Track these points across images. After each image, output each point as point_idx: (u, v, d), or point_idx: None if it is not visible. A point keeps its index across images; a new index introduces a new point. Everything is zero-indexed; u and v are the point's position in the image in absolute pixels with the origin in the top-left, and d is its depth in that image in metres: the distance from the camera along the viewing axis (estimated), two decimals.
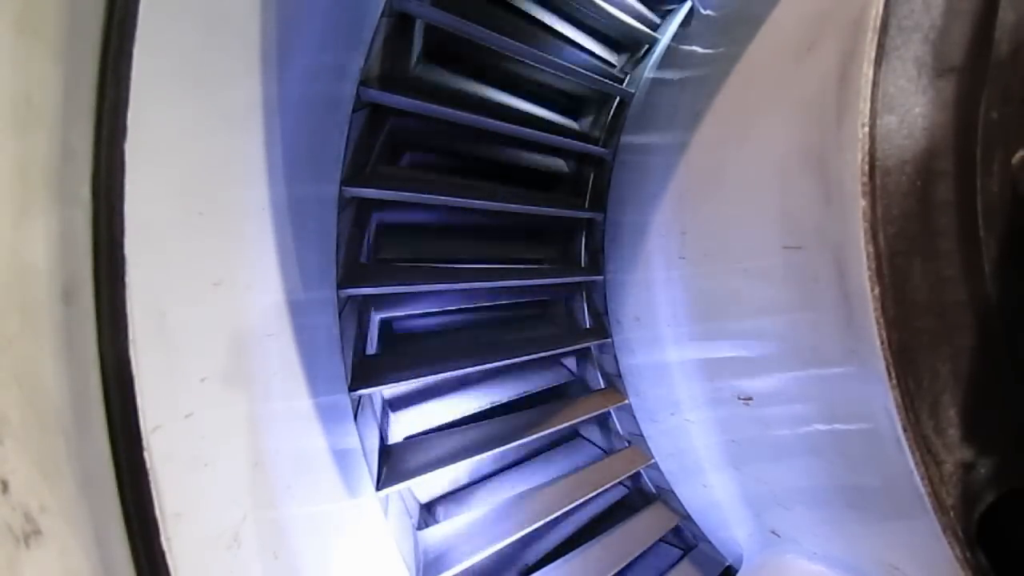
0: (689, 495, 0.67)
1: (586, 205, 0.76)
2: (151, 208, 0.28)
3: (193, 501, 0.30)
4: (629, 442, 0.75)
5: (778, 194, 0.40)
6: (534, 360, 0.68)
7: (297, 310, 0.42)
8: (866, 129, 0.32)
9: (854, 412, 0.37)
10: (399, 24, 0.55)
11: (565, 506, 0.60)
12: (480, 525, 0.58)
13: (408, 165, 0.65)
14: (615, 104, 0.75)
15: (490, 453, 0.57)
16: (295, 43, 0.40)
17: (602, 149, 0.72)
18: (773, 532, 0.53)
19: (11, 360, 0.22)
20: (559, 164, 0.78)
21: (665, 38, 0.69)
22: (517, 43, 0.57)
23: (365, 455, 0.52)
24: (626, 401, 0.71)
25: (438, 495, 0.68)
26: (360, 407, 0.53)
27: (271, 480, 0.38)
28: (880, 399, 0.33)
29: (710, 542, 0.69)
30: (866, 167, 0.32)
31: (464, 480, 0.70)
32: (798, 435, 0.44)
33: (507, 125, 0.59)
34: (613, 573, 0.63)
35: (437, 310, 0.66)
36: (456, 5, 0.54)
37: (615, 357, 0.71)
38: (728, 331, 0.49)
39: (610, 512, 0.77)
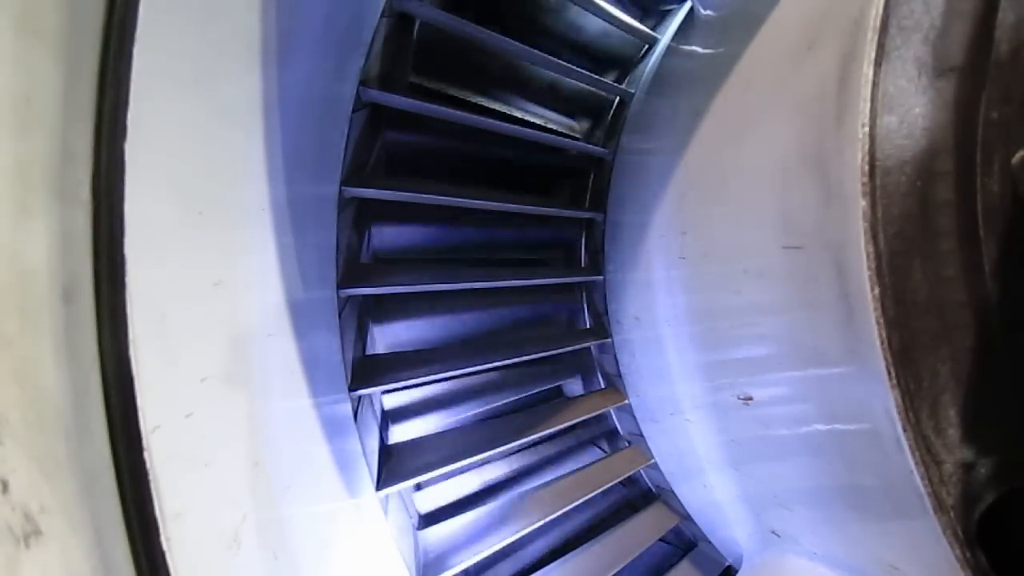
0: (689, 495, 0.67)
1: (586, 205, 0.76)
2: (151, 208, 0.28)
3: (193, 501, 0.30)
4: (629, 442, 0.75)
5: (778, 194, 0.40)
6: (534, 360, 0.68)
7: (297, 310, 0.42)
8: (866, 129, 0.32)
9: (854, 412, 0.37)
10: (399, 24, 0.55)
11: (565, 506, 0.60)
12: (480, 525, 0.58)
13: (408, 166, 0.65)
14: (615, 104, 0.75)
15: (490, 453, 0.57)
16: (295, 43, 0.40)
17: (602, 149, 0.72)
18: (773, 532, 0.53)
19: (11, 360, 0.22)
20: (559, 164, 0.78)
21: (665, 38, 0.69)
22: (517, 43, 0.57)
23: (365, 455, 0.52)
24: (626, 401, 0.71)
25: (438, 495, 0.68)
26: (360, 407, 0.53)
27: (271, 480, 0.38)
28: (880, 399, 0.33)
29: (710, 542, 0.69)
30: (866, 167, 0.32)
31: (464, 480, 0.70)
32: (798, 435, 0.43)
33: (507, 125, 0.59)
34: (613, 573, 0.63)
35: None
36: (456, 5, 0.54)
37: (615, 357, 0.71)
38: (728, 331, 0.49)
39: (610, 512, 0.77)
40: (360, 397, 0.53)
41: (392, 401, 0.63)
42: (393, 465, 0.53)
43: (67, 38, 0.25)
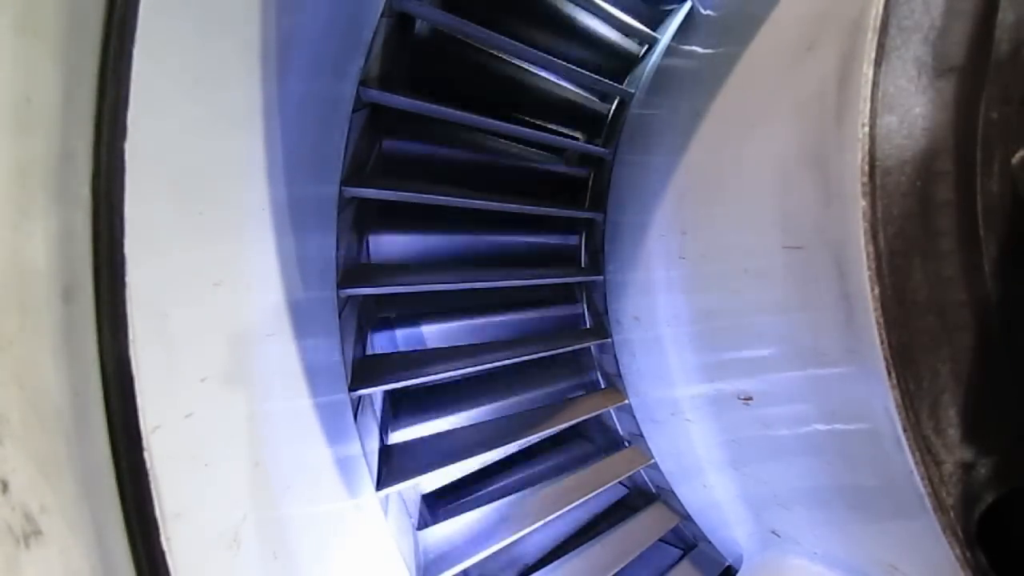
0: (689, 495, 0.67)
1: (586, 205, 0.76)
2: (151, 208, 0.28)
3: (193, 501, 0.30)
4: (629, 442, 0.75)
5: (778, 194, 0.40)
6: (534, 360, 0.68)
7: (297, 310, 0.42)
8: (866, 129, 0.32)
9: (854, 412, 0.37)
10: (399, 24, 0.55)
11: (565, 506, 0.60)
12: (480, 525, 0.58)
13: (408, 166, 0.65)
14: (615, 104, 0.75)
15: (490, 453, 0.57)
16: (295, 43, 0.40)
17: (602, 149, 0.72)
18: (773, 532, 0.53)
19: (11, 360, 0.22)
20: (559, 164, 0.78)
21: (665, 38, 0.69)
22: (517, 43, 0.57)
23: (365, 455, 0.52)
24: (626, 401, 0.71)
25: (438, 495, 0.68)
26: (360, 407, 0.53)
27: (271, 480, 0.38)
28: (880, 399, 0.33)
29: (710, 542, 0.69)
30: (866, 167, 0.32)
31: (464, 480, 0.70)
32: (798, 435, 0.43)
33: (507, 125, 0.59)
34: (613, 573, 0.63)
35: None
36: (456, 6, 0.54)
37: (615, 357, 0.71)
38: (728, 331, 0.49)
39: (610, 512, 0.77)
40: (360, 397, 0.53)
41: (393, 397, 0.63)
42: (393, 465, 0.53)
43: (67, 38, 0.25)
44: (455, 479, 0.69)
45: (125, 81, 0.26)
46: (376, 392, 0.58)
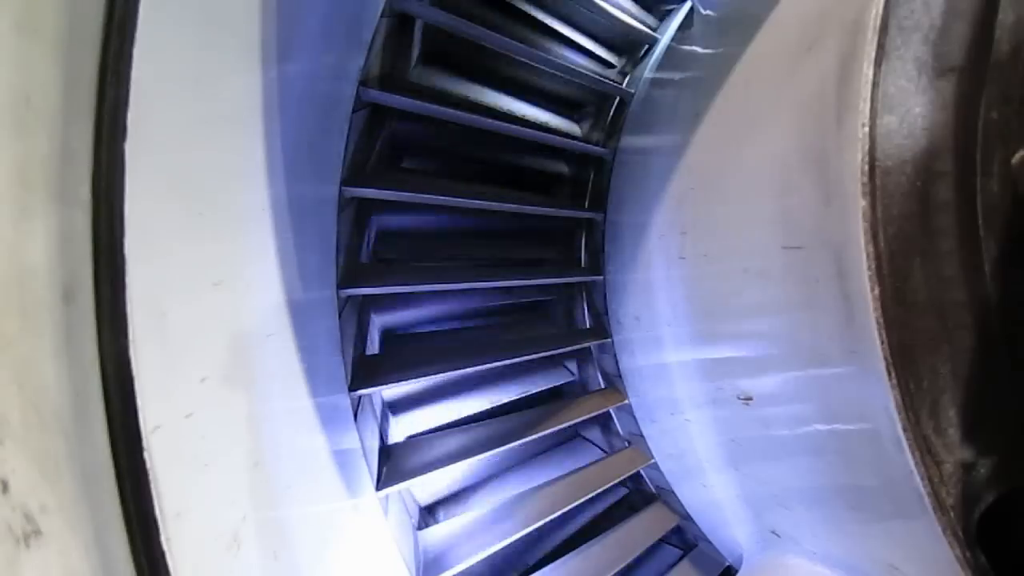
0: (689, 495, 0.67)
1: (586, 205, 0.76)
2: (151, 208, 0.28)
3: (193, 501, 0.30)
4: (629, 442, 0.75)
5: (778, 194, 0.40)
6: (534, 360, 0.68)
7: (297, 310, 0.42)
8: (866, 129, 0.32)
9: (854, 412, 0.37)
10: (399, 24, 0.55)
11: (565, 506, 0.60)
12: (480, 525, 0.58)
13: (408, 166, 0.65)
14: (615, 104, 0.75)
15: (490, 453, 0.57)
16: (295, 43, 0.40)
17: (602, 149, 0.72)
18: (773, 532, 0.53)
19: (11, 360, 0.22)
20: (559, 164, 0.78)
21: (665, 38, 0.69)
22: (516, 43, 0.57)
23: (365, 455, 0.52)
24: (626, 401, 0.71)
25: (438, 495, 0.68)
26: (360, 407, 0.53)
27: (271, 480, 0.38)
28: (880, 399, 0.33)
29: (710, 542, 0.69)
30: (866, 167, 0.32)
31: (464, 480, 0.70)
32: (798, 435, 0.43)
33: (507, 125, 0.59)
34: (613, 573, 0.63)
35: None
36: (456, 6, 0.54)
37: (615, 357, 0.71)
38: (728, 331, 0.49)
39: (610, 512, 0.77)
40: (360, 397, 0.53)
41: (392, 397, 0.63)
42: (393, 465, 0.53)
43: (67, 38, 0.25)
44: (451, 492, 0.69)
45: (125, 81, 0.26)
46: (376, 392, 0.58)
